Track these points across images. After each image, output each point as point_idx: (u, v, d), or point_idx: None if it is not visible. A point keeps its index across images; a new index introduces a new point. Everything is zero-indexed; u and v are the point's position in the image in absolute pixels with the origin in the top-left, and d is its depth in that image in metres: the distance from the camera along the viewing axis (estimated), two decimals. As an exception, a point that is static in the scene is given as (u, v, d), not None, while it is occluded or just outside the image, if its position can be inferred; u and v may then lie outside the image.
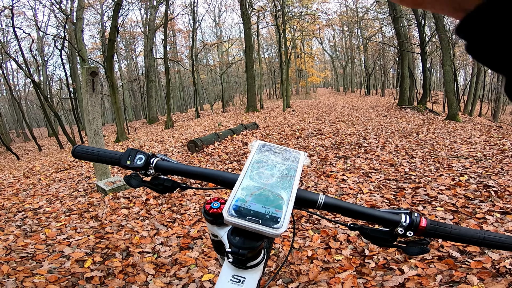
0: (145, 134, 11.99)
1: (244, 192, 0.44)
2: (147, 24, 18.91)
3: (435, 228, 0.47)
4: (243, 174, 0.47)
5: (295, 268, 2.00)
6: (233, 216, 0.41)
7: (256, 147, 0.53)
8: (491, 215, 2.37)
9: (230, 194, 0.44)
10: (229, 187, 0.50)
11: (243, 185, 0.46)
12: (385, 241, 0.49)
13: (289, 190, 0.46)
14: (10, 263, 2.12)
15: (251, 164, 0.49)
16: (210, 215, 0.54)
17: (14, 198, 4.11)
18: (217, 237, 0.56)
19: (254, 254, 0.44)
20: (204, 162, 5.01)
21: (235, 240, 0.43)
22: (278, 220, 0.41)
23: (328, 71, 43.28)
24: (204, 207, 0.55)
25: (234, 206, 0.42)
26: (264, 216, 0.41)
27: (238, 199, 0.43)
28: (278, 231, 0.40)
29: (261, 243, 0.43)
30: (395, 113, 11.16)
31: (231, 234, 0.44)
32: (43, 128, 27.92)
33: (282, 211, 0.42)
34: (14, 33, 11.21)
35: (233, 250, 0.42)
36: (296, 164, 0.51)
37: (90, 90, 3.74)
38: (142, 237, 2.62)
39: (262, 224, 0.41)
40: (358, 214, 0.50)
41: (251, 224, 0.41)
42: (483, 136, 6.19)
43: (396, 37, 15.11)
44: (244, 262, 0.44)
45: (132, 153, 0.57)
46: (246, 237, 0.43)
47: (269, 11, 17.20)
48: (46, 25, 19.31)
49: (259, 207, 0.42)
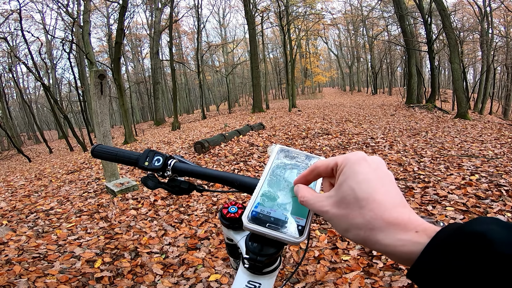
0: (152, 136, 12.10)
1: (264, 198, 0.43)
2: (152, 26, 19.10)
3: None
4: (262, 179, 0.46)
5: (302, 268, 2.00)
6: (252, 223, 0.40)
7: (276, 152, 0.51)
8: (502, 214, 2.33)
9: (250, 199, 0.43)
10: (246, 191, 0.49)
11: (263, 190, 0.44)
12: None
13: None
14: (22, 263, 2.16)
15: (271, 169, 0.48)
16: (227, 220, 0.53)
17: (26, 199, 4.19)
18: (232, 241, 0.56)
19: (271, 260, 0.44)
20: (211, 163, 5.04)
21: (253, 247, 0.42)
22: (299, 228, 0.40)
23: (333, 70, 43.03)
24: (221, 211, 0.55)
25: (254, 212, 0.41)
26: (284, 223, 0.40)
27: (257, 205, 0.42)
28: (299, 239, 0.39)
29: (279, 251, 0.43)
30: (403, 112, 11.04)
31: (249, 240, 0.43)
32: (53, 130, 28.43)
33: (303, 219, 0.41)
34: (23, 36, 11.42)
35: (251, 257, 0.42)
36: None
37: (99, 93, 3.79)
38: (150, 237, 2.64)
39: (282, 232, 0.40)
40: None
41: (270, 231, 0.39)
42: (493, 134, 6.08)
43: (402, 36, 14.95)
44: (261, 269, 0.44)
45: (150, 154, 0.57)
46: (265, 243, 0.42)
47: (273, 11, 17.20)
48: (54, 29, 19.62)
49: (279, 214, 0.41)
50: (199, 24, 17.33)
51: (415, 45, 15.28)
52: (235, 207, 0.54)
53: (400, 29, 14.75)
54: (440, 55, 19.05)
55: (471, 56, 21.05)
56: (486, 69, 14.88)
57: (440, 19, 10.99)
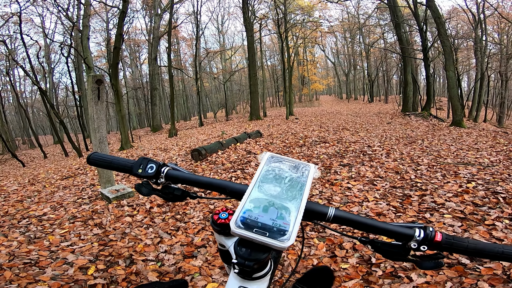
0: (149, 142, 12.05)
1: (252, 204, 0.45)
2: (151, 32, 19.19)
3: (450, 243, 0.46)
4: (251, 185, 0.48)
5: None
6: (240, 228, 0.41)
7: (266, 159, 0.53)
8: (500, 221, 2.33)
9: (238, 205, 0.45)
10: (238, 198, 0.50)
11: (252, 197, 0.46)
12: (398, 255, 0.48)
13: (298, 203, 0.45)
14: (13, 269, 2.11)
15: (260, 176, 0.50)
16: (218, 225, 0.54)
17: (19, 204, 4.12)
18: (225, 247, 0.57)
19: (261, 265, 0.44)
20: (208, 170, 5.01)
21: (241, 252, 0.43)
22: (285, 233, 0.41)
23: (330, 78, 43.38)
24: (212, 217, 0.56)
25: (242, 218, 0.43)
26: (271, 228, 0.41)
27: (246, 211, 0.43)
28: (285, 244, 0.40)
29: (267, 255, 0.43)
30: (399, 120, 11.12)
31: (238, 245, 0.44)
32: (49, 135, 28.19)
33: (289, 224, 0.42)
34: (22, 39, 11.38)
35: (239, 261, 0.42)
36: (306, 177, 0.51)
37: (96, 98, 3.77)
38: (145, 245, 2.60)
39: (269, 237, 0.41)
40: (369, 228, 0.49)
41: (257, 236, 0.41)
42: (489, 142, 6.13)
43: (398, 43, 15.16)
44: (250, 274, 0.44)
45: (144, 161, 0.58)
46: (253, 249, 0.43)
47: (271, 18, 17.38)
48: (53, 32, 19.66)
49: (266, 219, 0.42)
50: (198, 30, 17.47)
51: (411, 53, 15.49)
52: (226, 213, 0.55)
53: (396, 36, 14.96)
54: (435, 63, 19.31)
55: (465, 63, 21.38)
56: (480, 77, 15.10)
57: (435, 27, 11.17)
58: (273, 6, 14.73)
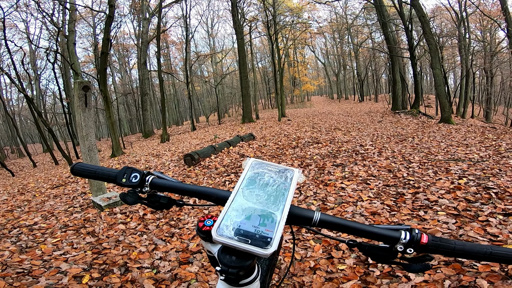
0: (141, 149, 11.91)
1: (234, 211, 0.44)
2: (140, 36, 19.01)
3: (437, 245, 0.46)
4: (234, 192, 0.47)
5: (298, 279, 1.96)
6: (222, 236, 0.41)
7: (249, 165, 0.53)
8: (493, 217, 2.36)
9: (220, 213, 0.44)
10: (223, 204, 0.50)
11: (234, 204, 0.45)
12: (385, 258, 0.48)
13: (281, 208, 0.45)
14: (6, 278, 2.06)
15: (243, 183, 0.49)
16: (203, 233, 0.55)
17: (9, 214, 4.02)
18: (212, 253, 0.57)
19: (246, 272, 0.44)
20: (201, 175, 4.97)
21: (225, 259, 0.43)
22: (268, 240, 0.41)
23: (321, 78, 43.75)
24: (197, 224, 0.56)
25: (224, 226, 0.42)
26: (253, 235, 0.41)
27: (228, 218, 0.43)
28: (267, 251, 0.40)
29: (251, 262, 0.43)
30: (389, 118, 11.26)
31: (222, 253, 0.44)
32: (38, 144, 27.63)
33: (272, 231, 0.42)
34: (6, 46, 11.17)
35: (222, 269, 0.42)
36: (290, 182, 0.51)
37: (83, 105, 3.71)
38: (140, 252, 2.56)
39: (252, 244, 0.40)
40: (355, 231, 0.49)
41: (239, 244, 0.40)
42: (477, 137, 6.24)
43: (385, 42, 15.38)
44: (236, 280, 0.44)
45: (128, 171, 0.58)
46: (237, 256, 0.43)
47: (261, 21, 17.44)
48: (38, 38, 19.22)
49: (249, 226, 0.42)
50: (188, 34, 17.39)
51: (398, 52, 15.74)
52: (211, 220, 0.56)
53: (383, 36, 15.18)
54: (422, 61, 19.66)
55: (451, 61, 21.81)
56: (465, 74, 15.42)
57: (420, 26, 11.37)
58: (263, 8, 14.80)
